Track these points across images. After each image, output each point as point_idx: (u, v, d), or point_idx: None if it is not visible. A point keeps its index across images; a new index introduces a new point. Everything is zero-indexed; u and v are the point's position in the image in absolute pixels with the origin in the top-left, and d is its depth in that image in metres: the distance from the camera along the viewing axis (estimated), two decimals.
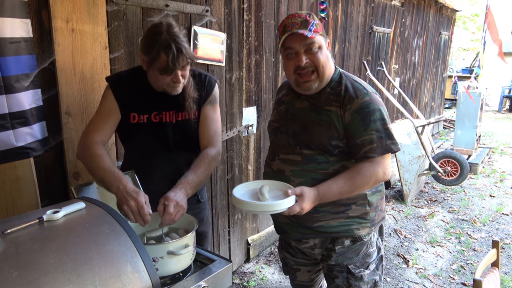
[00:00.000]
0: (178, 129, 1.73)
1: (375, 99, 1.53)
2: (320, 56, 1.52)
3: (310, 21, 1.49)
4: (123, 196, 1.38)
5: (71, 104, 1.84)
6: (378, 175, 1.52)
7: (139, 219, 1.37)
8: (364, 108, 1.50)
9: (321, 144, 1.56)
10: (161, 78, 1.56)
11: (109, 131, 1.66)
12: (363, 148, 1.50)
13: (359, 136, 1.51)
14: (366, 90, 1.54)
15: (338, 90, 1.56)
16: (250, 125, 3.04)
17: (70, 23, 1.77)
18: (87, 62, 1.87)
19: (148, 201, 1.39)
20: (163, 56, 1.48)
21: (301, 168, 1.60)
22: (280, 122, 1.72)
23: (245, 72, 2.93)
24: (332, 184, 1.51)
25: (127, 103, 1.67)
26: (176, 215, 1.42)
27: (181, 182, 1.53)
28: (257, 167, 3.27)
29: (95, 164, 1.50)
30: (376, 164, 1.51)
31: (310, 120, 1.59)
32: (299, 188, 1.46)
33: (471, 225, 4.10)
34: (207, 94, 1.78)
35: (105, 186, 1.49)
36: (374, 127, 1.49)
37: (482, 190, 5.13)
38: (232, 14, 2.71)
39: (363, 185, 1.52)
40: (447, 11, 7.83)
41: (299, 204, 1.43)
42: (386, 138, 1.51)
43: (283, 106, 1.74)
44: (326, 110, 1.56)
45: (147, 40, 1.53)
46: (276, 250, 3.51)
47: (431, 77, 7.70)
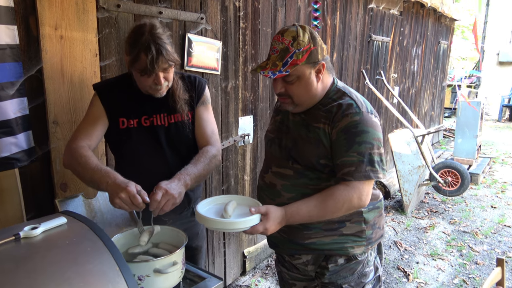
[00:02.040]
0: (171, 133, 1.68)
1: (367, 120, 1.41)
2: (295, 88, 1.44)
3: (291, 50, 1.37)
4: (113, 190, 1.33)
5: (59, 113, 1.78)
6: (353, 201, 1.40)
7: (134, 208, 1.33)
8: (351, 127, 1.39)
9: (310, 162, 1.49)
10: (142, 79, 1.52)
11: (96, 137, 1.61)
12: (342, 170, 1.40)
13: (340, 157, 1.41)
14: (358, 109, 1.42)
15: (330, 107, 1.47)
16: (246, 134, 2.98)
17: (58, 29, 1.72)
18: (77, 70, 1.81)
19: (141, 189, 1.35)
20: (143, 57, 1.44)
21: (292, 183, 1.53)
22: (275, 133, 1.66)
23: (241, 81, 2.87)
24: (302, 205, 1.41)
25: (115, 108, 1.62)
26: (166, 205, 1.37)
27: (180, 173, 1.48)
28: (254, 177, 3.20)
29: (82, 166, 1.44)
30: (351, 188, 1.39)
31: (300, 136, 1.52)
32: (265, 207, 1.37)
33: (473, 237, 4.02)
34: (199, 95, 1.74)
35: (95, 186, 1.43)
36: (357, 149, 1.38)
37: (483, 201, 5.05)
38: (228, 22, 2.67)
39: (334, 210, 1.41)
40: (445, 20, 7.83)
41: (263, 224, 1.35)
42: (367, 164, 1.39)
43: (279, 117, 1.68)
44: (315, 127, 1.48)
45: (130, 40, 1.50)
46: (273, 263, 3.42)
47: (431, 86, 7.67)
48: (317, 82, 1.47)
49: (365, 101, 1.51)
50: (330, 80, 1.54)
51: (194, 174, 1.53)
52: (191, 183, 1.50)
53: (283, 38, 1.40)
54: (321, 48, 1.45)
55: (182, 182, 1.46)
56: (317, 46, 1.43)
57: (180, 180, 1.46)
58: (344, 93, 1.51)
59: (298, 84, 1.44)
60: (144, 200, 1.33)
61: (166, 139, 1.68)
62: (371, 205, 1.57)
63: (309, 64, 1.42)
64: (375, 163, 1.40)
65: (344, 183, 1.41)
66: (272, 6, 3.04)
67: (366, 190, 1.42)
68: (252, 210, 1.34)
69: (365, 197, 1.42)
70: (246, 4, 2.79)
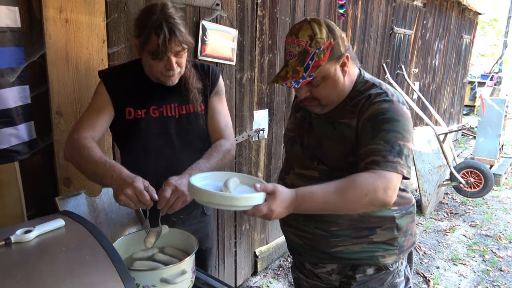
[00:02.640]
0: (182, 124, 1.55)
1: (398, 108, 1.25)
2: (322, 89, 1.30)
3: (311, 52, 1.22)
4: (118, 185, 1.21)
5: (63, 102, 1.65)
6: (378, 191, 1.13)
7: (141, 206, 1.21)
8: (379, 115, 1.23)
9: (336, 162, 1.34)
10: (154, 64, 1.40)
11: (100, 128, 1.48)
12: (366, 159, 1.20)
13: (365, 145, 1.22)
14: (388, 97, 1.27)
15: (358, 100, 1.33)
16: (261, 129, 2.84)
17: (63, 12, 1.59)
18: (82, 57, 1.68)
19: (149, 185, 1.22)
20: (154, 38, 1.32)
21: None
22: (296, 131, 1.51)
23: (257, 72, 2.72)
24: (317, 190, 1.16)
25: (121, 97, 1.50)
26: (175, 202, 1.26)
27: (191, 168, 1.37)
28: (267, 174, 3.06)
29: (84, 158, 1.32)
30: (378, 177, 1.15)
31: (324, 135, 1.38)
32: (272, 185, 1.13)
33: (496, 241, 3.82)
34: (213, 84, 1.62)
35: (98, 180, 1.31)
36: (384, 137, 1.20)
37: (506, 204, 4.82)
38: (245, 10, 2.51)
39: (355, 199, 1.15)
40: (469, 13, 7.52)
41: (268, 204, 1.10)
42: (395, 154, 1.17)
43: (300, 113, 1.53)
44: (341, 123, 1.34)
45: (139, 21, 1.38)
46: (285, 263, 3.29)
47: (451, 82, 7.39)
48: (344, 76, 1.33)
49: (396, 91, 1.36)
50: (356, 70, 1.39)
51: (207, 169, 1.41)
52: None
53: (299, 40, 1.24)
54: (342, 39, 1.29)
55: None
56: (337, 39, 1.27)
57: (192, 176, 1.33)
58: (373, 84, 1.36)
59: (324, 85, 1.30)
60: (152, 198, 1.21)
61: (176, 131, 1.55)
62: (404, 210, 1.42)
63: (332, 60, 1.27)
64: (403, 156, 1.19)
65: (369, 171, 1.18)
66: None
67: (394, 183, 1.16)
68: (257, 186, 1.11)
69: (392, 191, 1.16)
70: None
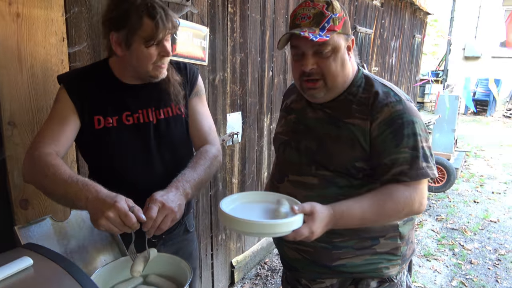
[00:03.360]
0: (160, 131, 1.37)
1: (410, 108, 1.21)
2: (331, 62, 1.20)
3: (327, 14, 1.16)
4: (96, 208, 1.02)
5: (17, 111, 1.41)
6: (414, 205, 1.18)
7: (126, 229, 1.03)
8: (396, 118, 1.18)
9: (342, 165, 1.24)
10: (146, 55, 1.23)
11: (65, 142, 1.26)
12: (393, 169, 1.18)
13: (388, 154, 1.18)
14: (398, 97, 1.21)
15: (363, 98, 1.24)
16: (235, 133, 2.68)
17: (14, 5, 1.35)
18: (39, 57, 1.44)
19: (134, 204, 1.05)
20: (147, 21, 1.18)
21: (317, 194, 1.27)
22: (290, 134, 1.38)
23: (229, 73, 2.56)
24: (354, 204, 1.15)
25: (88, 104, 1.29)
26: (163, 222, 1.08)
27: (177, 180, 1.21)
28: (242, 179, 2.91)
29: (50, 179, 1.11)
30: (413, 190, 1.17)
31: (327, 135, 1.26)
32: (309, 205, 1.10)
33: (462, 234, 3.93)
34: (192, 84, 1.46)
35: (69, 203, 1.11)
36: (408, 143, 1.17)
37: (465, 196, 5.02)
38: (216, 6, 2.34)
39: (393, 213, 1.18)
40: (420, 14, 7.82)
41: (308, 225, 1.07)
42: (423, 159, 1.18)
43: (292, 115, 1.41)
44: (348, 123, 1.23)
45: (117, 12, 1.20)
46: (262, 271, 3.15)
47: (406, 80, 7.65)
48: (349, 61, 1.25)
49: (399, 89, 1.29)
50: (355, 64, 1.31)
51: (195, 180, 1.24)
52: (192, 192, 1.22)
53: (314, 3, 1.19)
54: (349, 21, 1.25)
55: (181, 191, 1.17)
56: (347, 17, 1.23)
57: (179, 189, 1.17)
58: (374, 80, 1.28)
59: (334, 58, 1.20)
60: (139, 219, 1.03)
61: (155, 139, 1.37)
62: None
63: (344, 35, 1.21)
64: (429, 157, 1.20)
65: (403, 183, 1.17)
66: None
67: (425, 193, 1.21)
68: (296, 208, 1.07)
69: (424, 200, 1.22)
70: None
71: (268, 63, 2.98)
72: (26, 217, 1.47)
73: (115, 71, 1.34)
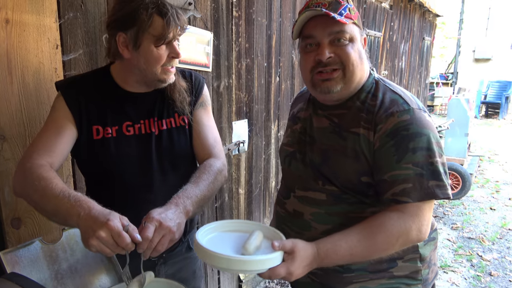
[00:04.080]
0: (163, 142, 1.28)
1: (420, 119, 1.06)
2: (350, 50, 1.09)
3: (343, 3, 1.08)
4: (88, 226, 0.92)
5: (7, 124, 1.32)
6: (411, 234, 1.03)
7: (119, 251, 0.94)
8: (401, 130, 1.04)
9: (348, 181, 1.12)
10: (156, 56, 1.16)
11: (60, 154, 1.17)
12: (393, 188, 1.04)
13: (388, 170, 1.05)
14: (407, 105, 1.08)
15: (371, 105, 1.12)
16: (242, 141, 2.57)
17: (3, 11, 1.26)
18: (30, 66, 1.35)
19: (129, 223, 0.95)
20: (158, 19, 1.12)
21: (326, 211, 1.16)
22: (295, 146, 1.28)
23: (234, 79, 2.46)
24: (340, 241, 1.03)
25: (87, 113, 1.21)
26: (160, 243, 0.98)
27: (177, 196, 1.10)
28: (249, 190, 2.80)
29: (40, 193, 1.02)
30: (408, 217, 1.02)
31: (331, 147, 1.15)
32: (291, 242, 0.99)
33: (480, 244, 3.77)
34: (197, 94, 1.37)
35: (61, 220, 1.01)
36: (413, 159, 1.03)
37: (481, 203, 4.84)
38: (220, 10, 2.25)
39: (385, 247, 1.04)
40: (429, 16, 7.67)
41: (286, 265, 0.97)
42: (429, 177, 1.02)
43: (299, 125, 1.30)
44: (353, 133, 1.11)
45: (124, 10, 1.14)
46: (271, 285, 3.03)
47: (416, 83, 7.49)
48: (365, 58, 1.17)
49: (412, 96, 1.15)
50: (367, 67, 1.20)
51: (196, 196, 1.13)
52: (193, 209, 1.11)
53: None
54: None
55: (181, 209, 1.07)
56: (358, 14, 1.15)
57: (179, 206, 1.07)
58: (385, 85, 1.16)
59: (352, 46, 1.10)
60: (133, 239, 0.93)
61: (156, 151, 1.28)
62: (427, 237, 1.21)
63: (358, 27, 1.13)
64: (441, 175, 1.03)
65: (396, 209, 1.03)
66: None
67: (428, 217, 1.05)
68: (276, 245, 0.96)
69: (426, 227, 1.05)
70: None
71: (275, 68, 2.88)
72: (18, 237, 1.38)
73: (117, 78, 1.26)
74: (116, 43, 1.16)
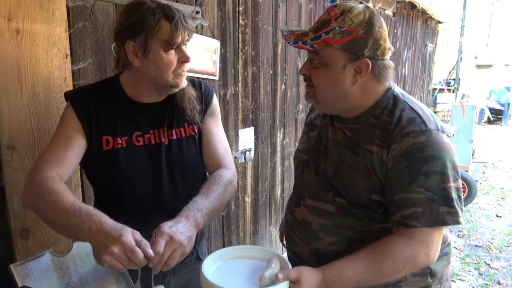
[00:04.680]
0: (172, 152, 1.27)
1: (438, 141, 1.02)
2: (319, 75, 1.09)
3: (331, 25, 1.04)
4: (99, 242, 0.91)
5: (17, 134, 1.31)
6: (418, 259, 1.00)
7: (132, 266, 0.92)
8: (415, 152, 1.01)
9: (358, 197, 1.10)
10: (166, 61, 1.16)
11: (70, 165, 1.16)
12: (402, 210, 1.01)
13: (399, 192, 1.02)
14: (424, 125, 1.03)
15: (386, 122, 1.08)
16: (248, 149, 2.56)
17: (13, 21, 1.26)
18: (40, 76, 1.35)
19: (141, 238, 0.94)
20: (165, 23, 1.12)
21: (334, 223, 1.14)
22: (310, 154, 1.26)
23: (241, 87, 2.46)
24: (347, 267, 1.01)
25: (97, 123, 1.20)
26: (171, 257, 0.97)
27: (187, 208, 1.09)
28: (255, 198, 2.78)
29: (50, 206, 1.00)
30: (416, 243, 0.99)
31: (343, 162, 1.13)
32: (296, 271, 0.99)
33: (487, 252, 3.73)
34: (207, 104, 1.36)
35: (71, 234, 1.00)
36: (425, 183, 0.99)
37: (486, 210, 4.81)
38: (226, 18, 2.25)
39: (392, 273, 1.02)
40: (431, 22, 7.69)
41: None
42: (440, 203, 0.99)
43: (315, 132, 1.28)
44: (366, 149, 1.08)
45: (132, 18, 1.13)
46: None
47: (419, 90, 7.49)
48: (352, 84, 1.08)
49: (432, 114, 1.11)
50: (379, 89, 1.13)
51: (207, 208, 1.12)
52: (203, 222, 1.10)
53: (334, 9, 1.06)
54: (376, 43, 1.05)
55: (192, 221, 1.05)
56: (368, 36, 1.03)
57: (189, 219, 1.05)
58: (404, 102, 1.11)
59: (324, 73, 1.08)
60: (146, 255, 0.92)
61: (166, 161, 1.27)
62: (439, 251, 1.19)
63: (346, 53, 1.04)
64: (453, 201, 0.99)
65: (404, 233, 1.00)
66: (273, 1, 2.65)
67: (436, 242, 1.01)
68: (280, 276, 0.95)
69: (434, 252, 1.02)
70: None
71: (281, 76, 2.87)
72: (27, 248, 1.37)
73: (126, 88, 1.25)
74: (125, 53, 1.15)
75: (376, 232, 1.11)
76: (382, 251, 1.01)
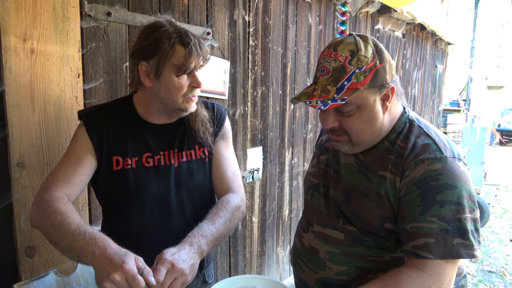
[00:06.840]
0: (182, 175, 1.26)
1: (453, 169, 0.98)
2: (354, 121, 1.04)
3: (348, 69, 0.99)
4: (102, 267, 0.90)
5: (27, 152, 1.32)
6: None
7: None
8: (429, 179, 0.97)
9: (369, 225, 1.07)
10: (177, 85, 1.16)
11: (78, 185, 1.16)
12: (414, 240, 0.97)
13: (411, 221, 0.98)
14: (440, 152, 1.00)
15: (401, 147, 1.06)
16: (256, 169, 2.55)
17: (28, 41, 1.29)
18: (52, 95, 1.37)
19: (144, 265, 0.93)
20: (180, 48, 1.12)
21: (342, 251, 1.11)
22: (321, 178, 1.24)
23: (250, 107, 2.47)
24: None
25: (108, 144, 1.21)
26: (172, 286, 0.94)
27: (192, 234, 1.07)
28: (262, 218, 2.75)
29: (56, 227, 1.00)
30: (428, 276, 0.93)
31: (355, 188, 1.10)
32: None
33: (501, 278, 3.62)
34: (219, 126, 1.36)
35: (75, 257, 0.99)
36: (439, 212, 0.95)
37: (500, 234, 4.69)
38: (237, 39, 2.28)
39: None
40: (441, 44, 7.70)
41: None
42: (454, 234, 0.94)
43: (325, 156, 1.26)
44: (380, 176, 1.06)
45: (148, 40, 1.14)
46: None
47: (429, 110, 7.44)
48: (384, 112, 1.06)
49: (448, 141, 1.08)
50: (399, 108, 1.13)
51: (212, 235, 1.10)
52: (208, 249, 1.07)
53: (337, 54, 1.00)
54: (390, 65, 1.05)
55: (196, 249, 1.03)
56: (384, 63, 1.02)
57: (193, 246, 1.03)
58: (419, 127, 1.09)
59: (359, 116, 1.04)
60: (148, 283, 0.90)
61: (175, 183, 1.26)
62: (454, 285, 1.14)
63: (373, 88, 1.01)
64: (468, 233, 0.94)
65: (416, 265, 0.95)
66: (283, 23, 2.68)
67: (450, 276, 0.95)
68: None
69: (446, 286, 0.95)
70: (256, 19, 2.42)
71: (290, 96, 2.88)
72: (32, 266, 1.36)
73: (139, 108, 1.26)
74: (138, 72, 1.17)
75: (387, 262, 1.08)
76: (392, 284, 0.96)
